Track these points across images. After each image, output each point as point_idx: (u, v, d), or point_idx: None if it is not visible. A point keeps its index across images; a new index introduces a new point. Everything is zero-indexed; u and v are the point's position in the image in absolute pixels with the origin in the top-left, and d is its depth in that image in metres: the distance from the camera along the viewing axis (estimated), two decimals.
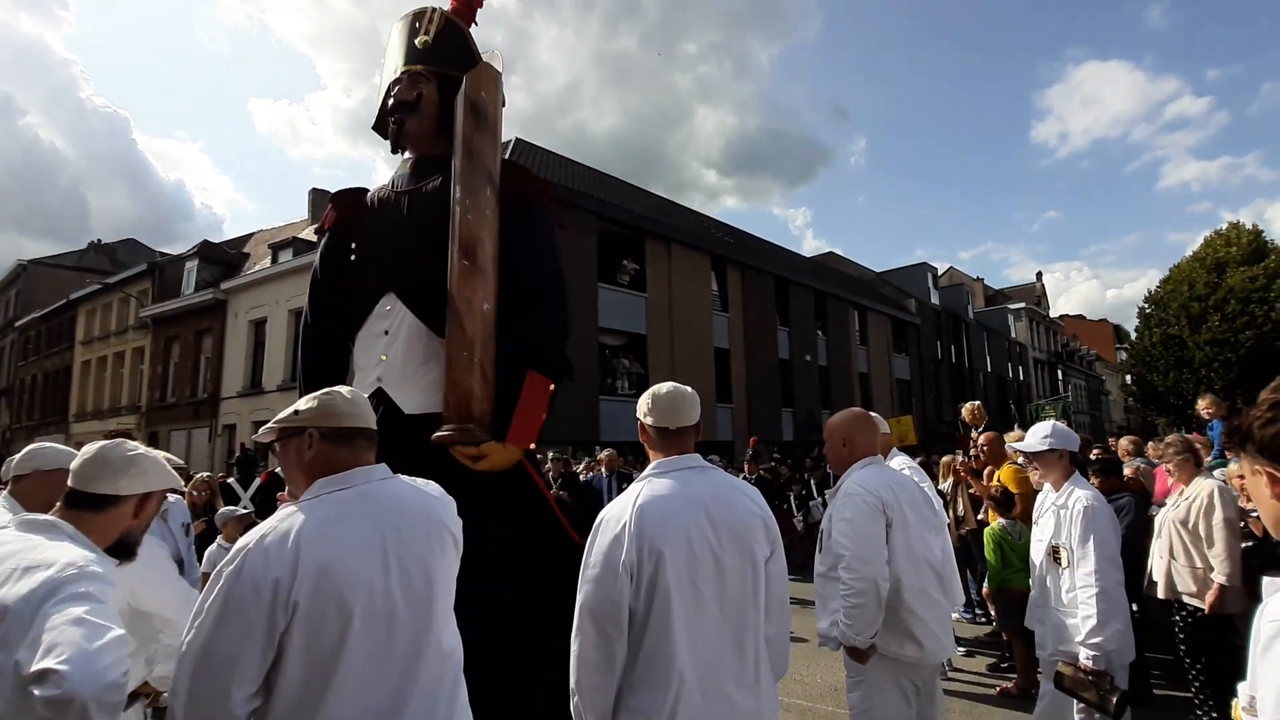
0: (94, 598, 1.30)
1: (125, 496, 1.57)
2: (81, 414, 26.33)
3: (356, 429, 1.49)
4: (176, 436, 22.13)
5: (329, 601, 1.26)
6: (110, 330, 25.84)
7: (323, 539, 1.31)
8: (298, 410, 1.48)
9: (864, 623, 2.33)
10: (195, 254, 23.46)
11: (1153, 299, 29.32)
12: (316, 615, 1.25)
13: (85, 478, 1.55)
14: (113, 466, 1.56)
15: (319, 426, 1.45)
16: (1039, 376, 43.73)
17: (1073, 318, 62.14)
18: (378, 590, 1.32)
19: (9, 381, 32.93)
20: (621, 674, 1.66)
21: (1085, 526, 2.77)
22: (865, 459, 2.59)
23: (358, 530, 1.36)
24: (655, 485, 1.77)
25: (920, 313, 30.65)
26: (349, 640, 1.27)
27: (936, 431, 24.73)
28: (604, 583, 1.66)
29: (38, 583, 1.28)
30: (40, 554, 1.35)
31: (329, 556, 1.29)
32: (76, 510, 1.53)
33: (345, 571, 1.29)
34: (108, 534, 1.54)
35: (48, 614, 1.23)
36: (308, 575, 1.26)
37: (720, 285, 20.16)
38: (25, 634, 1.22)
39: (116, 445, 1.60)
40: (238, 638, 1.22)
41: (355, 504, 1.40)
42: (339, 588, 1.27)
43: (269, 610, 1.23)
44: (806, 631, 5.87)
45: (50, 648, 1.18)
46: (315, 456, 1.45)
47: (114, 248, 37.17)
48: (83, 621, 1.23)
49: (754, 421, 19.67)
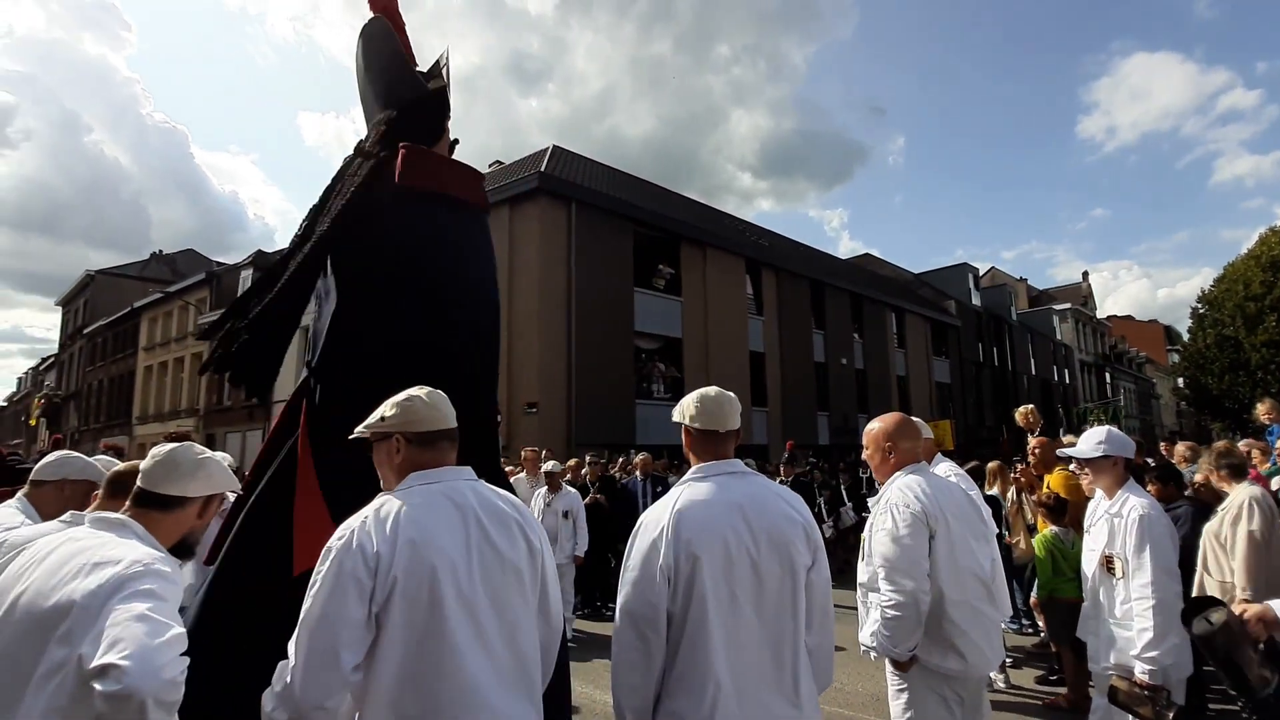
0: (158, 595, 1.33)
1: (192, 498, 1.62)
2: (144, 417, 27.64)
3: (439, 431, 1.60)
4: (232, 438, 23.05)
5: (422, 577, 1.40)
6: (171, 337, 27.09)
7: (414, 522, 1.45)
8: (384, 416, 1.59)
9: (902, 635, 2.27)
10: (250, 263, 24.45)
11: (1206, 299, 28.10)
12: (413, 590, 1.39)
13: (155, 479, 1.58)
14: (182, 469, 1.60)
15: (404, 432, 1.58)
16: (1086, 380, 42.20)
17: (1121, 319, 59.77)
18: (460, 573, 1.45)
19: (78, 385, 34.76)
20: (660, 677, 1.68)
21: (1141, 536, 2.68)
22: (909, 465, 2.50)
23: (446, 518, 1.49)
24: (694, 490, 1.78)
25: (961, 314, 29.93)
26: (445, 615, 1.40)
27: (978, 437, 24.13)
28: (642, 585, 1.68)
29: (105, 578, 1.31)
30: (109, 551, 1.38)
31: (419, 536, 1.43)
32: (145, 510, 1.56)
33: (434, 549, 1.43)
34: (172, 534, 1.59)
35: (113, 609, 1.26)
36: (404, 551, 1.40)
37: (755, 289, 20.08)
38: (91, 628, 1.24)
39: (186, 448, 1.64)
40: (349, 603, 1.36)
41: (442, 497, 1.52)
42: (430, 565, 1.41)
43: (373, 579, 1.38)
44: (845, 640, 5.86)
45: (113, 643, 1.20)
46: (403, 459, 1.58)
47: (174, 258, 38.98)
48: (145, 618, 1.26)
49: (789, 425, 19.51)
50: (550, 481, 6.50)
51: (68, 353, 37.59)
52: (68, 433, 30.89)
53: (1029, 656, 5.59)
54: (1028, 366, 35.08)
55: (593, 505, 7.30)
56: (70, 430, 31.82)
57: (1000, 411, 28.21)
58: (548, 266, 14.36)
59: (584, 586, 7.30)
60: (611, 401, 14.88)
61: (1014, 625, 6.22)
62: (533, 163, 16.95)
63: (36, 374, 47.53)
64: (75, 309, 37.16)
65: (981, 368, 30.94)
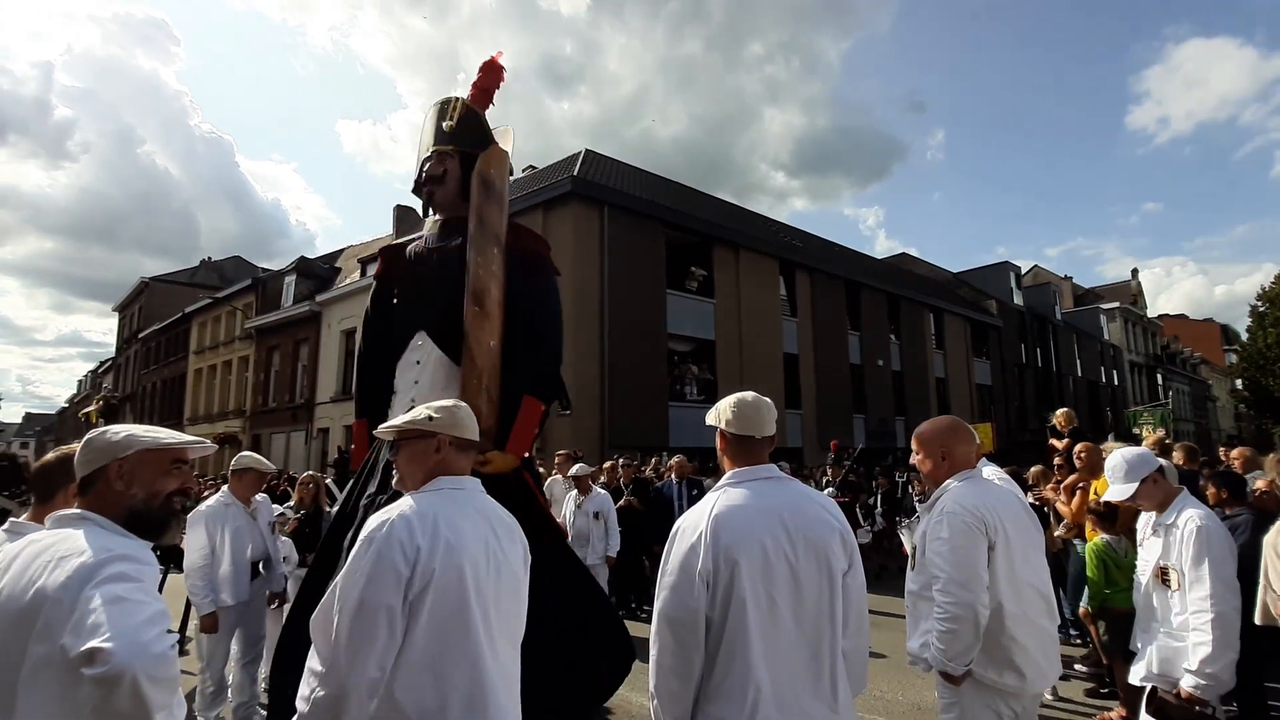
0: (130, 577, 1.31)
1: (95, 469, 1.51)
2: (195, 418, 28.75)
3: (473, 441, 1.77)
4: (277, 439, 23.82)
5: (453, 575, 1.50)
6: (219, 340, 28.14)
7: (450, 523, 1.57)
8: (431, 416, 1.72)
9: (959, 649, 2.20)
10: (293, 269, 25.23)
11: (1267, 296, 26.81)
12: (444, 586, 1.49)
13: (80, 464, 1.54)
14: (88, 448, 1.54)
15: (451, 435, 1.72)
16: (1136, 381, 40.58)
17: (1173, 317, 57.31)
18: (482, 575, 1.57)
19: (133, 388, 36.36)
20: (699, 683, 1.68)
21: (1199, 548, 2.57)
22: (963, 472, 2.40)
23: (471, 522, 1.63)
24: (731, 495, 1.78)
25: (1002, 314, 29.11)
26: (469, 613, 1.52)
27: (1021, 440, 23.43)
28: (681, 590, 1.69)
29: (73, 569, 1.29)
30: (71, 543, 1.36)
31: (453, 537, 1.54)
32: (83, 496, 1.53)
33: (464, 551, 1.54)
34: (112, 510, 1.50)
35: (85, 596, 1.24)
36: (441, 548, 1.51)
37: (789, 290, 19.89)
38: (67, 620, 1.22)
39: (101, 431, 1.58)
40: (388, 591, 1.44)
41: (468, 502, 1.68)
42: (460, 565, 1.52)
43: (410, 570, 1.47)
44: (884, 647, 5.75)
45: (94, 628, 1.19)
46: (441, 460, 1.71)
47: (222, 265, 40.50)
48: (121, 599, 1.24)
49: (823, 428, 19.24)
50: (579, 484, 6.56)
51: (124, 356, 39.36)
52: None
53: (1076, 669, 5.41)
54: (1073, 368, 33.92)
55: (626, 507, 7.32)
56: None
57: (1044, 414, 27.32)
58: (581, 270, 14.47)
59: (618, 588, 7.34)
60: (644, 404, 14.91)
61: (1061, 635, 6.04)
62: (565, 167, 17.11)
63: (95, 377, 49.91)
64: (131, 314, 38.89)
65: (1024, 369, 30.04)
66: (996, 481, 2.63)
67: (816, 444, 18.91)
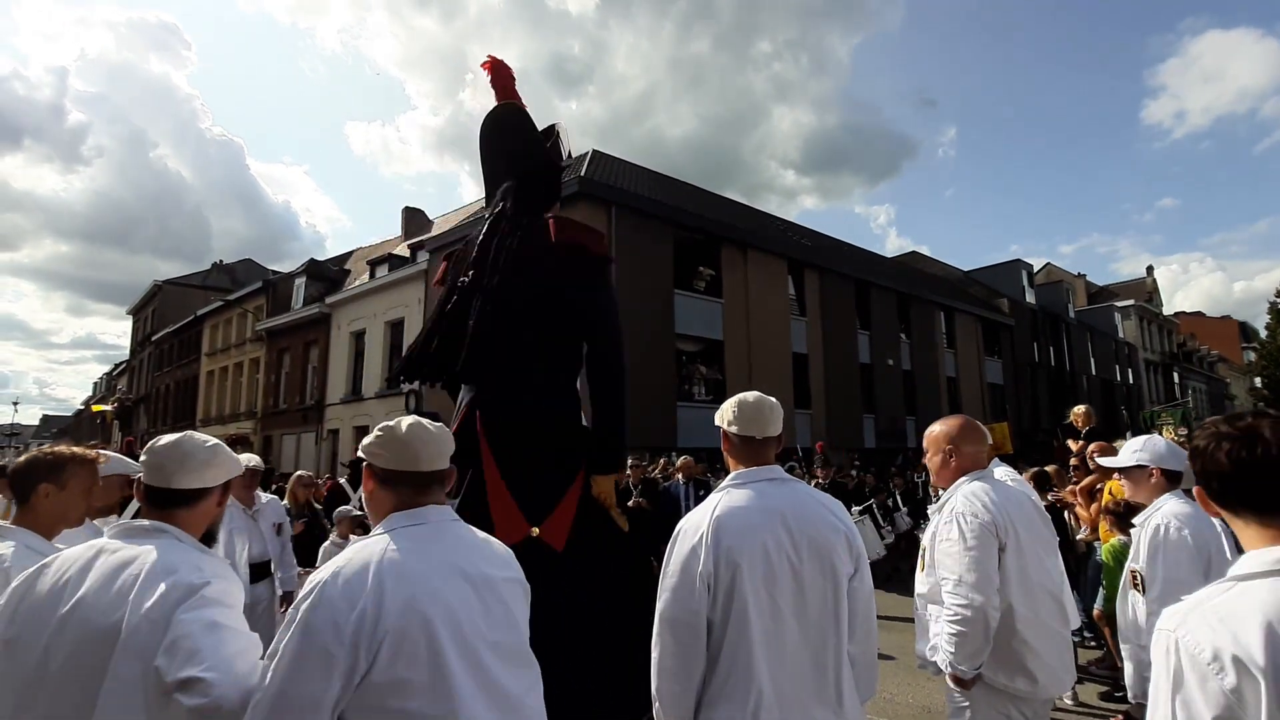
0: (223, 602, 1.32)
1: (211, 488, 1.54)
2: (207, 419, 29.03)
3: (424, 473, 1.44)
4: (287, 440, 24.00)
5: (417, 629, 1.23)
6: (231, 343, 28.41)
7: (399, 569, 1.28)
8: (365, 443, 1.47)
9: (969, 652, 2.16)
10: (303, 271, 25.43)
11: None
12: (409, 646, 1.22)
13: (169, 474, 1.48)
14: (197, 458, 1.51)
15: (377, 467, 1.44)
16: (1151, 380, 40.04)
17: (1190, 315, 56.53)
18: (460, 615, 1.30)
19: (147, 389, 36.78)
20: (701, 685, 1.66)
21: (1153, 549, 2.48)
22: (974, 472, 2.36)
23: (434, 561, 1.33)
24: (734, 496, 1.76)
25: (1014, 313, 28.83)
26: (448, 667, 1.24)
27: (1034, 439, 23.19)
28: (682, 592, 1.67)
29: (164, 589, 1.28)
30: (158, 560, 1.34)
31: (405, 585, 1.26)
32: (168, 510, 1.47)
33: (427, 596, 1.26)
34: (198, 528, 1.51)
35: (181, 620, 1.24)
36: (391, 605, 1.23)
37: (798, 289, 19.79)
38: (160, 641, 1.22)
39: (190, 438, 1.55)
40: (314, 680, 1.17)
41: (429, 538, 1.38)
42: (424, 615, 1.25)
43: (346, 648, 1.18)
44: (893, 649, 5.69)
45: (191, 655, 1.19)
46: (382, 494, 1.44)
47: (234, 267, 40.88)
48: (217, 627, 1.26)
49: (833, 428, 19.14)
50: None
51: (138, 359, 39.82)
52: (138, 434, 32.70)
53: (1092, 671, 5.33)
54: (1087, 366, 33.53)
55: (634, 509, 7.30)
56: (141, 432, 33.65)
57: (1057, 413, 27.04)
58: None
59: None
60: (652, 404, 14.87)
61: (1075, 637, 5.95)
62: (573, 168, 17.12)
63: (110, 379, 50.55)
64: (145, 317, 39.35)
65: (1037, 368, 29.73)
66: (1009, 483, 2.57)
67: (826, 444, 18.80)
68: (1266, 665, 0.91)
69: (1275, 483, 1.04)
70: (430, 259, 18.91)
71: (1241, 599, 0.99)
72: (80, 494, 1.81)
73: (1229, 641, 0.95)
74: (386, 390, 19.84)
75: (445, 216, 24.75)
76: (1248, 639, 0.93)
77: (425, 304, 18.81)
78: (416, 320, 19.10)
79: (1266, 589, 0.98)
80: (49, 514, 1.77)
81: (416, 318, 19.11)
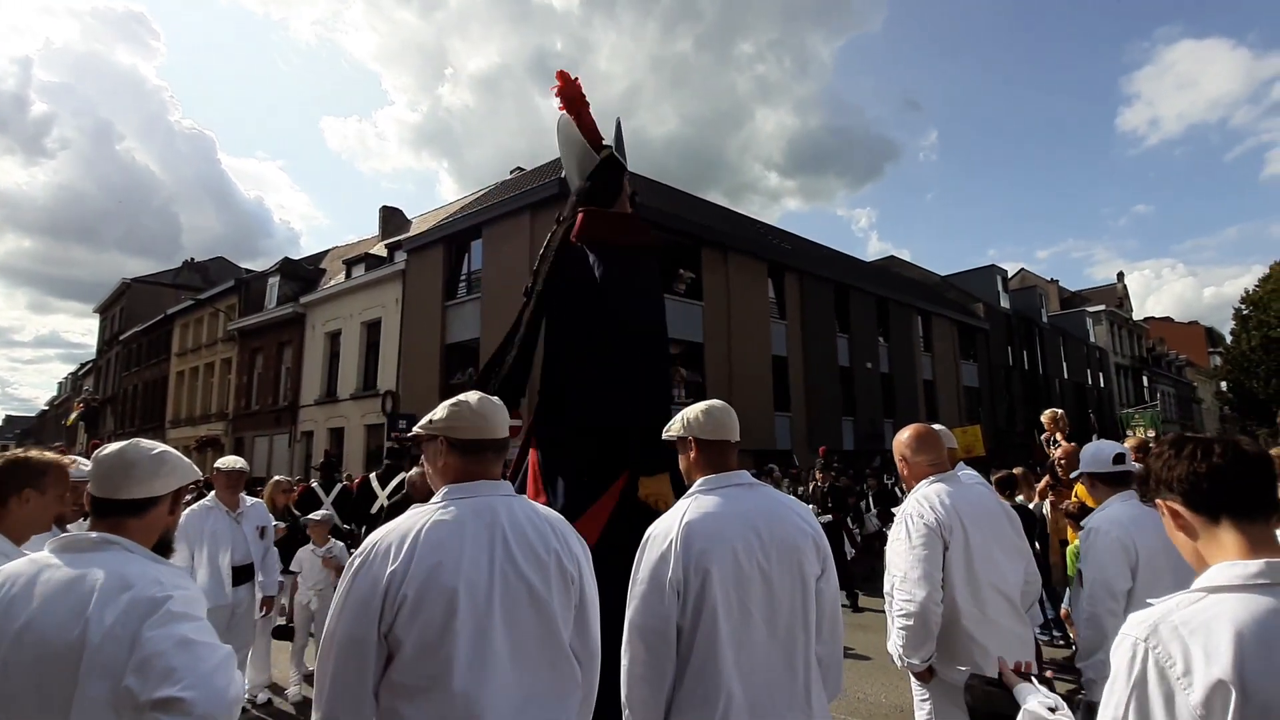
0: (190, 616, 1.29)
1: (162, 496, 1.49)
2: (177, 420, 28.39)
3: (483, 441, 1.56)
4: (260, 442, 23.53)
5: (438, 599, 1.36)
6: (202, 343, 27.80)
7: (436, 542, 1.41)
8: (432, 419, 1.59)
9: (914, 646, 2.29)
10: (277, 270, 24.97)
11: (1250, 299, 27.14)
12: (427, 611, 1.35)
13: (116, 484, 1.43)
14: (143, 467, 1.46)
15: (448, 437, 1.55)
16: (1122, 383, 40.99)
17: (1159, 320, 58.08)
18: (480, 596, 1.39)
19: (114, 390, 35.86)
20: (670, 691, 1.67)
21: (1083, 549, 2.59)
22: (934, 475, 2.48)
23: (471, 536, 1.44)
24: (703, 502, 1.76)
25: (989, 317, 29.32)
26: (455, 638, 1.35)
27: (1008, 442, 23.58)
28: (652, 599, 1.67)
29: (125, 604, 1.24)
30: (112, 574, 1.29)
31: (439, 557, 1.40)
32: (117, 519, 1.42)
33: (453, 571, 1.38)
34: (149, 539, 1.47)
35: (149, 637, 1.20)
36: (418, 572, 1.37)
37: (778, 292, 19.91)
38: (127, 660, 1.19)
39: (135, 445, 1.50)
40: (362, 625, 1.35)
41: (471, 514, 1.47)
42: (446, 587, 1.37)
43: (382, 601, 1.36)
44: (871, 649, 5.71)
45: (166, 674, 1.17)
46: (445, 465, 1.56)
47: (206, 265, 40.07)
48: (190, 644, 1.23)
49: (813, 431, 19.27)
50: None
51: (105, 358, 38.84)
52: (105, 436, 31.88)
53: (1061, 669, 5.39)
54: (1060, 370, 34.20)
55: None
56: (107, 434, 32.82)
57: (1031, 416, 27.54)
58: None
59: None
60: None
61: (1044, 636, 6.03)
62: (554, 168, 17.04)
63: (76, 379, 49.22)
64: (112, 316, 38.38)
65: (1011, 372, 30.26)
66: (973, 484, 2.64)
67: (806, 446, 18.90)
68: (1237, 680, 0.90)
69: (1263, 483, 1.07)
70: (408, 259, 18.71)
71: (1212, 612, 0.98)
72: (56, 500, 1.77)
73: (1201, 655, 0.94)
74: (363, 392, 19.56)
75: (424, 216, 24.44)
76: (1220, 653, 0.93)
77: (403, 305, 18.59)
78: (394, 321, 18.86)
79: (1238, 603, 0.98)
80: (25, 519, 1.71)
81: (394, 319, 18.88)
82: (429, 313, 17.66)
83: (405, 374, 18.09)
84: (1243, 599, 0.98)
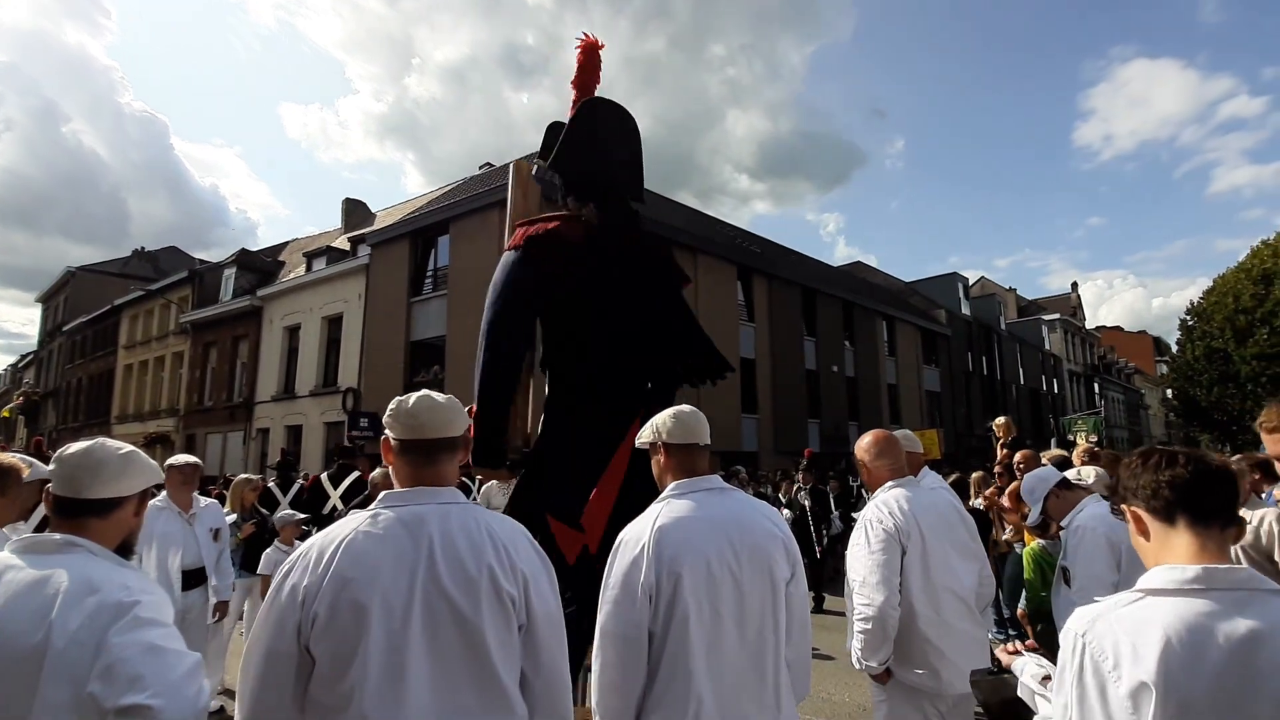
0: (159, 622, 1.26)
1: (128, 497, 1.46)
2: (124, 416, 27.22)
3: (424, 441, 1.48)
4: (213, 439, 22.73)
5: (348, 614, 1.29)
6: (152, 335, 26.72)
7: (354, 551, 1.35)
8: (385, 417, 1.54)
9: (871, 649, 2.34)
10: (234, 262, 24.17)
11: (1195, 310, 28.33)
12: (339, 628, 1.29)
13: (82, 484, 1.40)
14: (110, 467, 1.43)
15: (389, 436, 1.51)
16: (1074, 390, 42.54)
17: (1110, 329, 60.49)
18: (396, 611, 1.29)
19: (56, 384, 34.22)
20: (641, 696, 1.65)
21: (1073, 546, 2.69)
22: (894, 480, 2.52)
23: (394, 546, 1.35)
24: (674, 506, 1.75)
25: (951, 324, 30.09)
26: (368, 655, 1.26)
27: (968, 445, 24.19)
28: (624, 605, 1.66)
29: (91, 609, 1.22)
30: (76, 577, 1.26)
31: (353, 571, 1.32)
32: (80, 520, 1.38)
33: (366, 586, 1.30)
34: (113, 540, 1.43)
35: (116, 643, 1.18)
36: (330, 587, 1.31)
37: (746, 295, 20.07)
38: (92, 665, 1.16)
39: (102, 445, 1.47)
40: (283, 636, 1.29)
41: (398, 525, 1.38)
42: (357, 602, 1.31)
43: (299, 612, 1.30)
44: (833, 649, 5.74)
45: (133, 681, 1.15)
46: (394, 465, 1.50)
47: (157, 255, 38.53)
48: (158, 649, 1.21)
49: (779, 433, 19.46)
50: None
51: (47, 350, 37.06)
52: (46, 431, 30.36)
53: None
54: (1016, 376, 35.30)
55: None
56: (49, 429, 31.29)
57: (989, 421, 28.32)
58: None
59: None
60: None
61: (1000, 635, 6.15)
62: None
63: (16, 371, 46.84)
64: (55, 305, 36.63)
65: (971, 377, 31.10)
66: (934, 489, 2.71)
67: (773, 449, 19.08)
68: (1159, 680, 0.99)
69: (1220, 492, 1.14)
70: (372, 253, 18.27)
71: (1145, 613, 1.06)
72: (14, 501, 1.75)
73: (1129, 652, 1.02)
74: (323, 389, 19.03)
75: (389, 210, 23.93)
76: (1147, 652, 1.01)
77: (366, 300, 18.15)
78: (356, 316, 18.42)
79: (1170, 607, 1.05)
80: None
81: (356, 313, 18.43)
82: (393, 309, 17.29)
83: (368, 371, 17.68)
84: (1175, 603, 1.05)
